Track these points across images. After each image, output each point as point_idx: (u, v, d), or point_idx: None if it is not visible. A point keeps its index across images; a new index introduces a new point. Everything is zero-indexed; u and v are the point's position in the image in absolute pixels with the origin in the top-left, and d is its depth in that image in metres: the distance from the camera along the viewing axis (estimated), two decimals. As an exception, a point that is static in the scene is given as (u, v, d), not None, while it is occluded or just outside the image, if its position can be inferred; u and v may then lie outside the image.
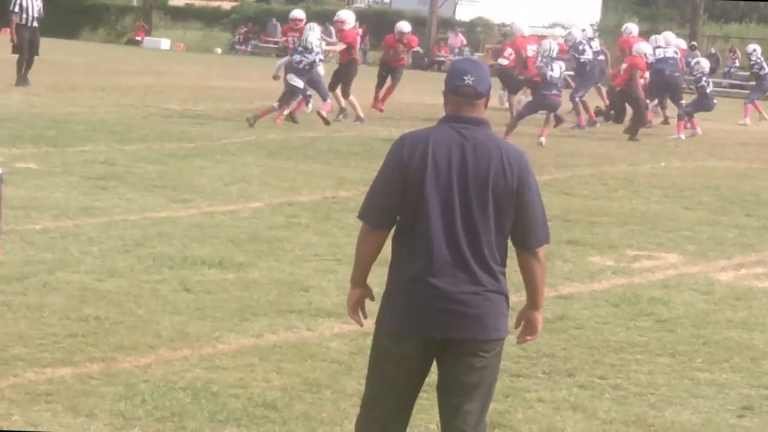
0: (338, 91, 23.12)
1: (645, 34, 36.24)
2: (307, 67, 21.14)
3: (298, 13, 24.53)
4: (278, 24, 52.78)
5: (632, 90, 22.97)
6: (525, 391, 7.19)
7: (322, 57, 21.87)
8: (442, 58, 51.92)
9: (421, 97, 27.60)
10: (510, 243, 5.00)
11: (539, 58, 21.64)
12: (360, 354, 7.40)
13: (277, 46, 49.00)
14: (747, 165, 19.74)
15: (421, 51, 42.77)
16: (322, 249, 10.96)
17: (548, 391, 7.24)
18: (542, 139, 20.56)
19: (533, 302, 5.09)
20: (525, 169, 4.92)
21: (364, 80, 24.91)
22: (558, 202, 14.23)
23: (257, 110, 21.82)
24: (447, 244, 4.86)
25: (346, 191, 14.28)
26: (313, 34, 21.91)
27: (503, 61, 23.60)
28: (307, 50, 21.23)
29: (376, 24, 53.02)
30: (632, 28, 27.36)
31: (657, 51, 25.08)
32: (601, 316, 9.14)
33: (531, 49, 23.33)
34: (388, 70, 24.74)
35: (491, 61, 43.42)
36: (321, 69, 21.94)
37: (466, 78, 4.95)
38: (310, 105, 22.84)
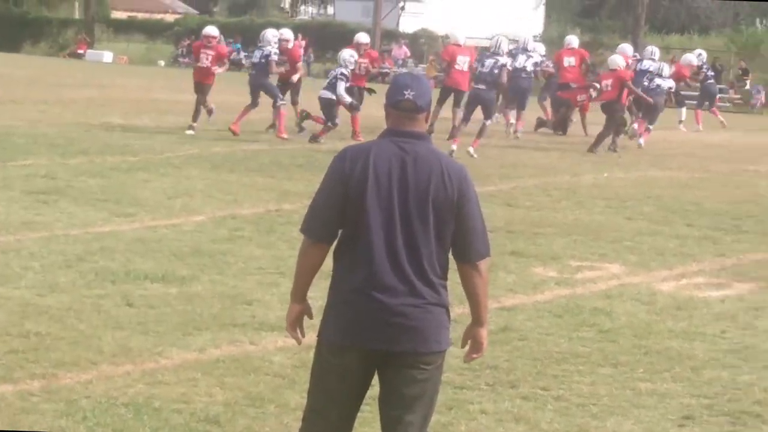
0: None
1: (587, 46, 36.55)
2: (333, 81, 21.68)
3: (212, 30, 24.08)
4: (221, 36, 52.52)
5: (618, 105, 23.28)
6: (468, 403, 7.21)
7: (346, 72, 21.91)
8: (386, 70, 51.90)
9: (365, 109, 27.56)
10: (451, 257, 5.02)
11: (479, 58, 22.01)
12: (303, 367, 7.38)
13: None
14: (689, 175, 19.91)
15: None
16: (265, 262, 10.94)
17: (491, 402, 7.26)
18: (471, 149, 20.61)
19: (477, 318, 5.11)
20: (464, 181, 4.95)
21: (307, 92, 24.91)
22: (501, 213, 14.29)
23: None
24: (387, 256, 4.87)
25: (289, 204, 14.26)
26: (347, 51, 22.42)
27: None
28: (340, 65, 21.95)
29: (319, 36, 53.04)
30: (571, 39, 27.81)
31: (644, 62, 25.75)
32: (544, 327, 9.18)
33: (462, 60, 23.40)
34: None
35: (435, 72, 43.48)
36: (342, 87, 21.67)
37: (406, 92, 4.98)
38: (212, 116, 23.07)
